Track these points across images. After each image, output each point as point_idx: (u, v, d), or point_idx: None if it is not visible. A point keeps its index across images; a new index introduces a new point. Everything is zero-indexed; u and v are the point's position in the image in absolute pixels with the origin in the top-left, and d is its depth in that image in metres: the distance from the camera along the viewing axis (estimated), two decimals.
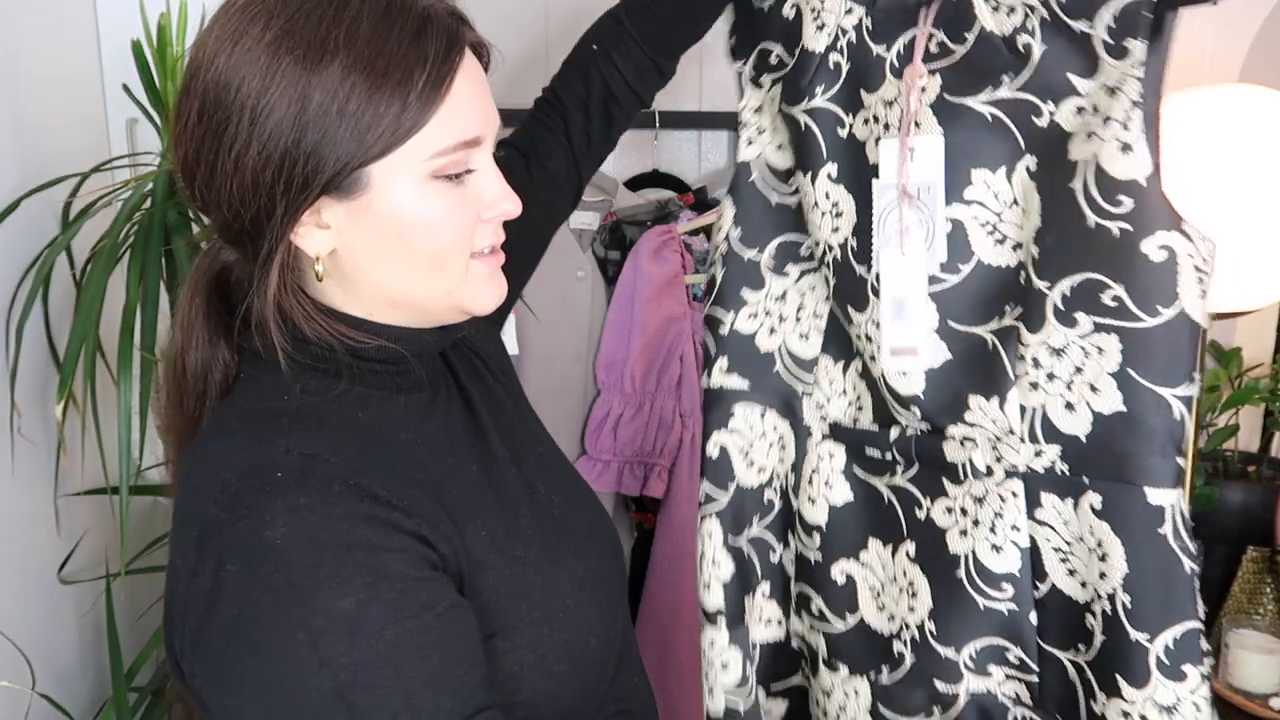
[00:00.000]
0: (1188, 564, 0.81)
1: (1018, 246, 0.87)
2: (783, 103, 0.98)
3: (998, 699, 0.93)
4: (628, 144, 1.82)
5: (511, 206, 0.79)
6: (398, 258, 0.75)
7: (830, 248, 0.97)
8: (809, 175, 0.96)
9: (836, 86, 0.94)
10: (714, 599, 1.04)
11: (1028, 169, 0.85)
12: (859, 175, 0.94)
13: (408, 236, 0.74)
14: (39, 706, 1.33)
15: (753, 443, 1.05)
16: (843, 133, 0.94)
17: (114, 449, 1.28)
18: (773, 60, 1.01)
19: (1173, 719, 0.81)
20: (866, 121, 0.92)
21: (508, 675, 0.75)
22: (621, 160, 1.86)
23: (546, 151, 1.05)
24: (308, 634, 0.65)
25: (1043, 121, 0.84)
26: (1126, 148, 0.79)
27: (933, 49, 0.88)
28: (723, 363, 1.05)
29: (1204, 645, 0.82)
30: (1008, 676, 0.92)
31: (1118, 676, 0.82)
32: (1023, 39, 0.83)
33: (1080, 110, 0.82)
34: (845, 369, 1.00)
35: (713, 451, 1.06)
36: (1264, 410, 1.76)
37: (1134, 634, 0.81)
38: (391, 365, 0.79)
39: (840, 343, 1.01)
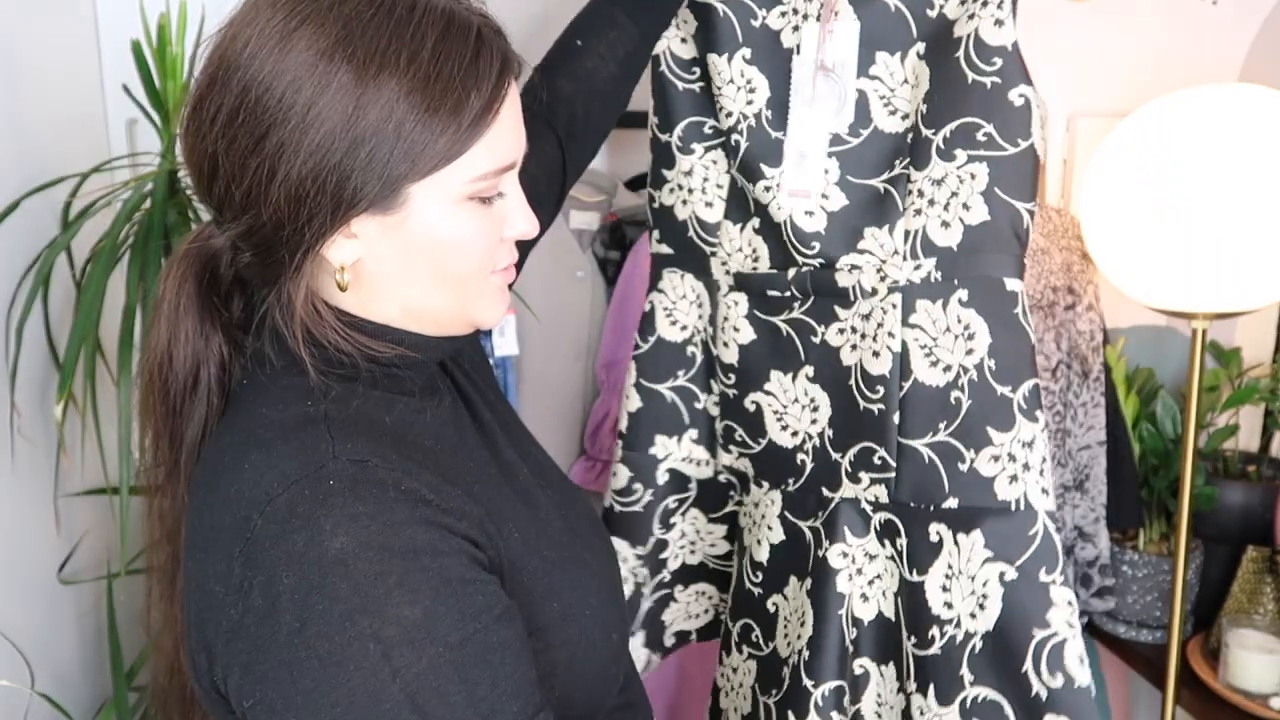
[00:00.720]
0: (1031, 335, 1.06)
1: (906, 116, 1.09)
2: None
3: (860, 504, 1.13)
4: (628, 144, 1.82)
5: (529, 228, 0.79)
6: (423, 272, 0.75)
7: (745, 117, 1.15)
8: (725, 56, 1.15)
9: None
10: (621, 423, 1.31)
11: (918, 53, 1.08)
12: (772, 57, 1.14)
13: (438, 254, 0.74)
14: (39, 706, 1.33)
15: (675, 302, 1.27)
16: (755, 23, 1.14)
17: (114, 449, 1.28)
18: None
19: (1032, 451, 1.04)
20: (784, 14, 1.13)
21: (542, 675, 0.75)
22: (621, 160, 1.86)
23: (527, 164, 1.05)
24: (379, 644, 0.64)
25: (933, 13, 1.07)
26: (999, 22, 1.03)
27: None
28: (656, 234, 1.28)
29: (1043, 399, 1.06)
30: (871, 481, 1.11)
31: (988, 429, 1.05)
32: None
33: (962, 2, 1.05)
34: (742, 229, 1.19)
35: (646, 307, 1.29)
36: (1264, 410, 1.76)
37: (999, 389, 1.05)
38: (405, 371, 0.79)
39: (739, 207, 1.20)
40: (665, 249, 1.26)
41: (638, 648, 1.33)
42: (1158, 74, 1.73)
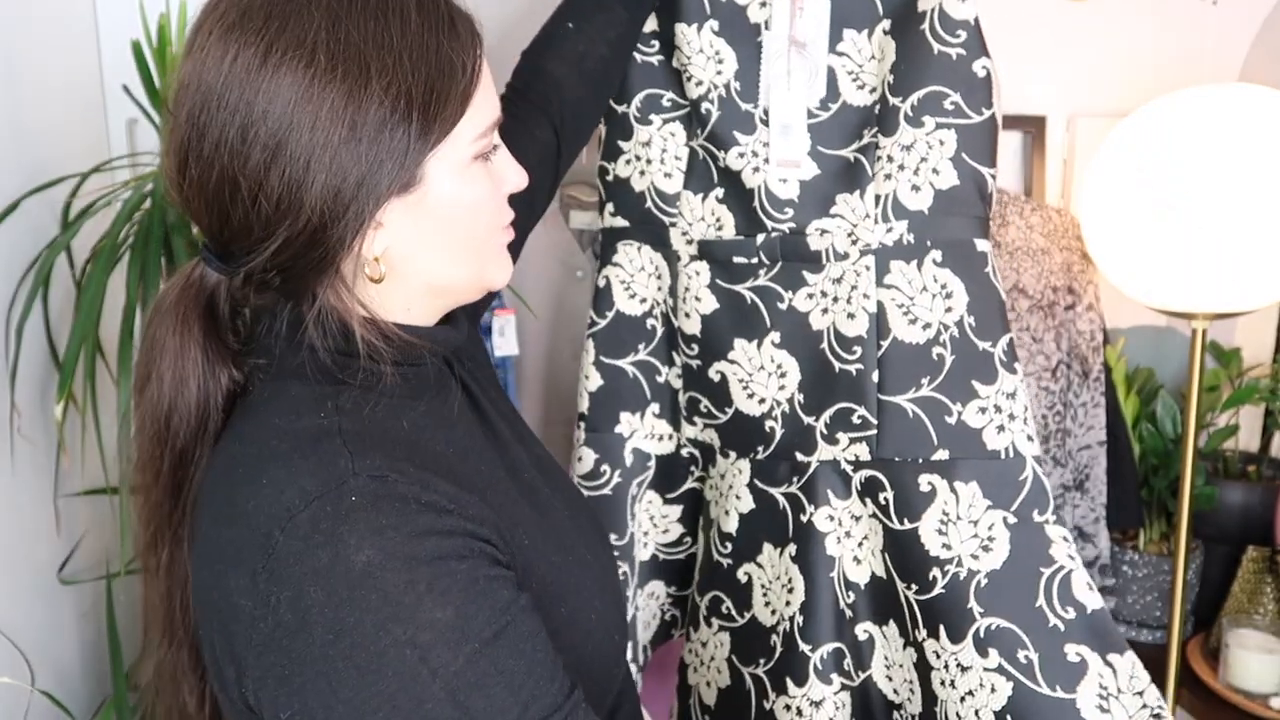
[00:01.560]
0: (1002, 292, 1.11)
1: (873, 90, 1.13)
2: None
3: (840, 465, 1.15)
4: None
5: (520, 179, 0.81)
6: (446, 243, 0.76)
7: (715, 86, 1.18)
8: (694, 27, 1.17)
9: None
10: (581, 404, 1.29)
11: (884, 29, 1.12)
12: (738, 30, 1.16)
13: (457, 220, 0.76)
14: (40, 704, 1.33)
15: (634, 275, 1.26)
16: None
17: (114, 449, 1.28)
18: None
19: (1015, 401, 1.09)
20: None
21: None
22: None
23: (519, 148, 1.03)
24: (415, 649, 0.65)
25: None
26: None
27: None
28: (610, 206, 1.27)
29: (1016, 352, 1.11)
30: (851, 440, 1.14)
31: (973, 383, 1.09)
32: None
33: None
34: (704, 199, 1.20)
35: (600, 282, 1.28)
36: (1264, 410, 1.76)
37: (980, 344, 1.09)
38: (411, 368, 0.79)
39: (700, 177, 1.21)
40: (620, 221, 1.26)
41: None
42: (1158, 74, 1.73)
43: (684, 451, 1.29)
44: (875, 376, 1.12)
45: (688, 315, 1.22)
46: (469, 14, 0.76)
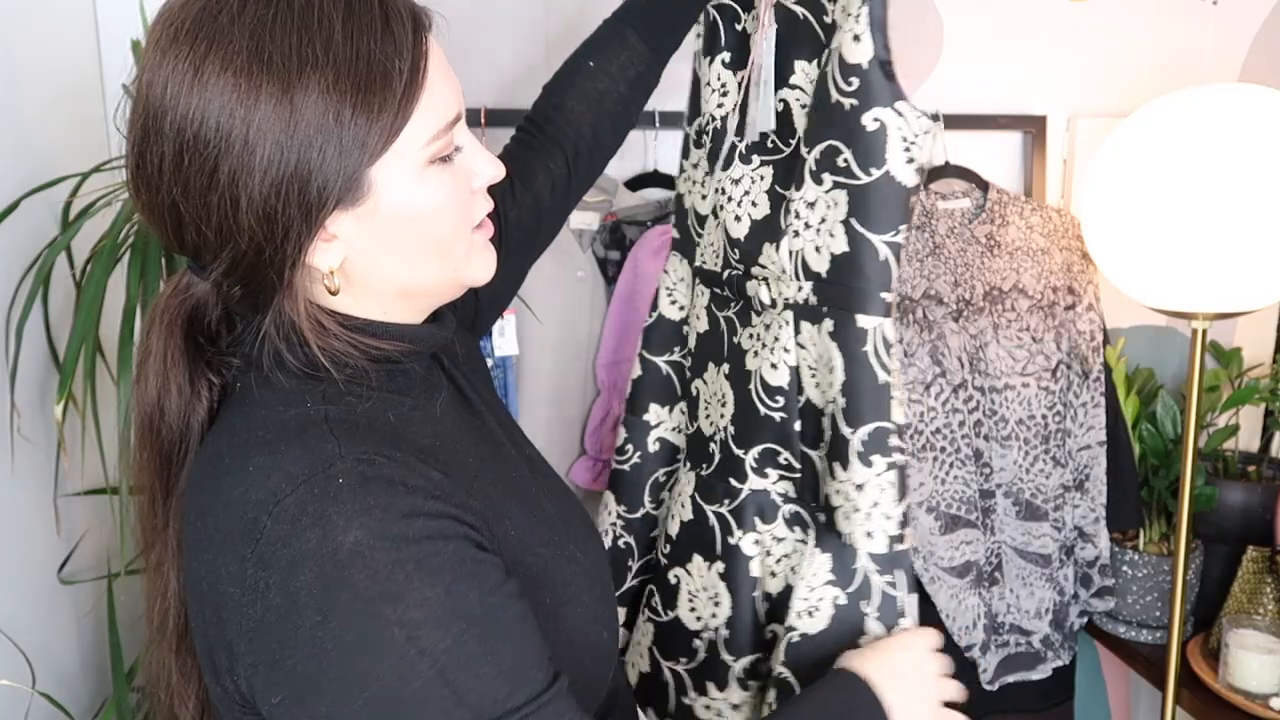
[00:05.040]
0: (883, 376, 1.01)
1: None
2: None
3: (770, 496, 1.14)
4: (627, 145, 1.82)
5: (495, 172, 0.80)
6: (410, 250, 0.75)
7: (713, 119, 1.18)
8: (708, 60, 1.17)
9: None
10: (629, 389, 1.33)
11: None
12: (743, 62, 1.14)
13: (418, 226, 0.74)
14: (40, 705, 1.33)
15: (675, 284, 1.30)
16: (738, 27, 1.14)
17: (114, 449, 1.28)
18: None
19: (864, 494, 1.01)
20: (755, 19, 1.12)
21: None
22: (621, 160, 1.86)
23: (530, 175, 1.05)
24: (404, 628, 0.65)
25: (829, 19, 1.03)
26: (857, 38, 0.97)
27: None
28: (674, 218, 1.30)
29: (894, 442, 1.01)
30: (780, 477, 1.14)
31: (834, 464, 1.04)
32: None
33: (844, 9, 1.00)
34: (717, 226, 1.20)
35: (658, 283, 1.32)
36: (1264, 410, 1.76)
37: (844, 429, 1.02)
38: (405, 365, 0.79)
39: (711, 204, 1.21)
40: (675, 233, 1.31)
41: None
42: (1158, 74, 1.73)
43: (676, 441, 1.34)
44: (798, 426, 1.10)
45: (689, 331, 1.28)
46: (417, 13, 0.73)
